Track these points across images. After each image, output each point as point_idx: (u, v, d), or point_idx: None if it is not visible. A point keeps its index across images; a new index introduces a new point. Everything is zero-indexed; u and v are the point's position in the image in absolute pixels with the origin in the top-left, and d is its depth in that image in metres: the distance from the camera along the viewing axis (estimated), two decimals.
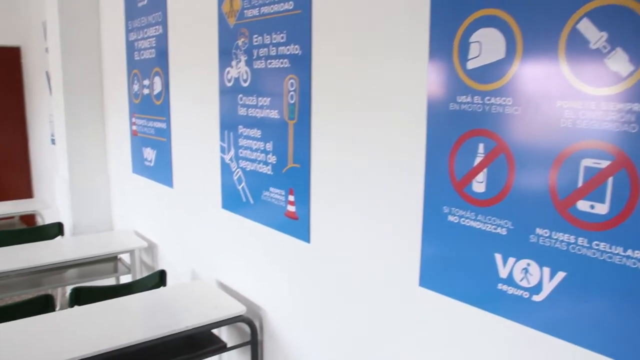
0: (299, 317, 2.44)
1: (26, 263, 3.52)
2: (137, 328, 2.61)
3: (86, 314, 2.74)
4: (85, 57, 4.34)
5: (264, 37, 2.40)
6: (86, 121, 4.35)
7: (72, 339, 2.46)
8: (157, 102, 3.46)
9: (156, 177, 3.61)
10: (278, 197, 2.41)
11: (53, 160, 6.08)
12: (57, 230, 4.29)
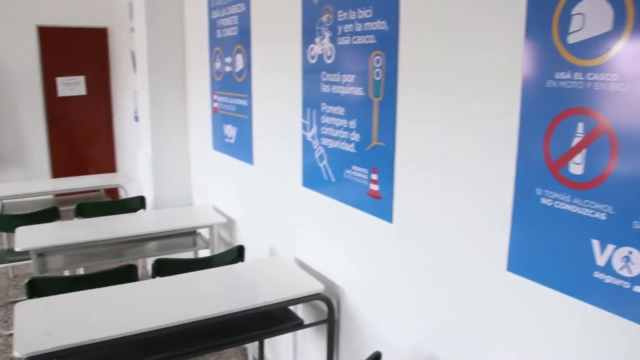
0: (378, 298, 2.42)
1: (111, 234, 3.65)
2: (215, 301, 2.66)
3: (167, 285, 2.82)
4: (169, 36, 4.42)
5: (349, 13, 2.36)
6: (169, 99, 4.44)
7: (153, 309, 2.53)
8: (239, 80, 3.49)
9: (236, 154, 3.65)
10: (360, 176, 2.39)
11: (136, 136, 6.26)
12: (139, 204, 4.43)
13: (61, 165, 7.68)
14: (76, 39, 7.57)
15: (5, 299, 4.79)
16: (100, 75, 7.76)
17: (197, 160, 4.45)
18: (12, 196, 4.98)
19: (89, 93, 7.69)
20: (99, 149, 7.89)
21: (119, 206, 4.38)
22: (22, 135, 7.46)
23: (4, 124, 7.37)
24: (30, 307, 2.48)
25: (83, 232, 3.66)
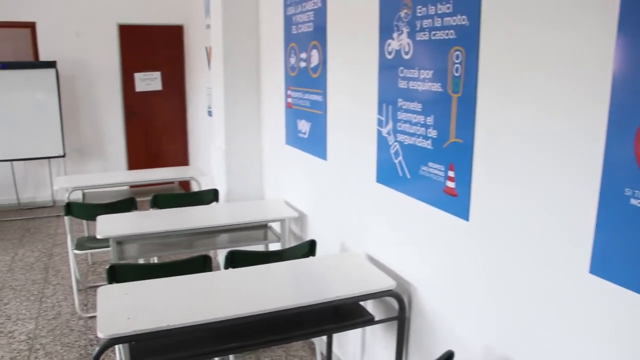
0: (451, 297, 2.39)
1: (185, 225, 3.74)
2: (286, 294, 2.69)
3: (240, 277, 2.86)
4: (244, 32, 4.49)
5: (429, 8, 2.33)
6: (243, 94, 4.52)
7: (226, 299, 2.58)
8: (314, 75, 3.51)
9: (309, 149, 3.68)
10: (437, 173, 2.36)
11: (208, 131, 6.40)
12: (212, 197, 4.52)
13: (136, 158, 7.96)
14: (153, 37, 7.82)
15: (85, 284, 5.00)
16: (175, 71, 7.98)
17: (269, 154, 4.51)
18: (93, 186, 5.19)
19: (164, 88, 7.92)
20: (172, 143, 8.12)
21: (192, 198, 4.49)
22: (102, 129, 7.77)
23: (86, 118, 7.70)
24: (111, 292, 2.58)
25: (158, 223, 3.77)
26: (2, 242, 6.31)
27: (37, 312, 4.51)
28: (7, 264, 5.60)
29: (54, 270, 5.38)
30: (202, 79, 6.79)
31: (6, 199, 7.54)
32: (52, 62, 7.15)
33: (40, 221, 7.11)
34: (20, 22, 7.36)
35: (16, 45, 7.51)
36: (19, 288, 5.00)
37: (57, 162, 7.60)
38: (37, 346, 3.98)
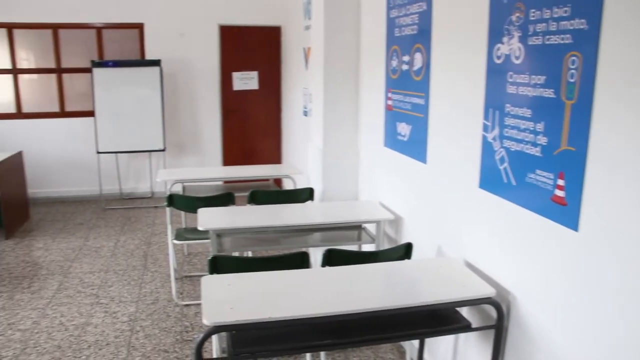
0: (555, 310, 2.32)
1: (280, 222, 3.83)
2: (382, 295, 2.70)
3: (336, 275, 2.90)
4: (345, 34, 4.54)
5: (543, 12, 2.28)
6: (342, 95, 4.56)
7: (323, 296, 2.62)
8: (416, 78, 3.50)
9: (409, 152, 3.67)
10: (545, 181, 2.30)
11: (303, 130, 6.51)
12: (308, 195, 4.59)
13: (231, 154, 8.19)
14: (252, 37, 8.03)
15: (181, 273, 5.20)
16: (272, 71, 8.16)
17: (366, 156, 4.53)
18: (193, 180, 5.39)
19: (261, 88, 8.12)
20: (266, 141, 8.30)
21: (288, 196, 4.59)
22: (200, 125, 8.06)
23: (185, 114, 8.01)
24: (214, 282, 2.67)
25: (255, 218, 3.87)
26: (106, 229, 6.67)
27: (137, 296, 4.74)
28: (110, 250, 5.92)
29: (152, 258, 5.64)
30: (299, 79, 6.91)
31: (110, 188, 7.97)
32: (157, 61, 7.49)
33: (139, 211, 7.46)
34: (130, 23, 7.77)
35: (125, 44, 7.92)
36: (121, 273, 5.28)
37: (157, 156, 7.94)
38: (138, 328, 4.19)
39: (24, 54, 7.87)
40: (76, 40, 7.87)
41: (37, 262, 5.64)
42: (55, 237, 6.41)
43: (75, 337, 4.08)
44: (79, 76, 7.89)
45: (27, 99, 7.91)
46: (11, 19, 7.57)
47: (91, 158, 7.76)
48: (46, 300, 4.70)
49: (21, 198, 7.02)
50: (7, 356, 3.85)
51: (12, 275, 5.29)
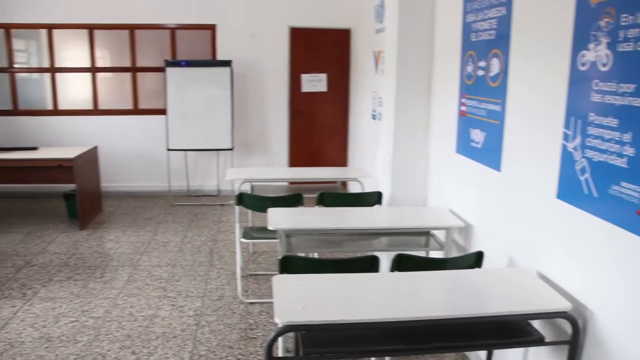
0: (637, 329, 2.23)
1: (348, 224, 3.83)
2: (451, 303, 2.66)
3: (406, 280, 2.87)
4: (419, 38, 4.50)
5: (637, 17, 2.20)
6: (414, 100, 4.53)
7: (393, 301, 2.61)
8: (493, 84, 3.43)
9: (482, 159, 3.60)
10: (631, 193, 2.21)
11: (371, 134, 6.50)
12: (376, 199, 4.58)
13: (297, 156, 8.26)
14: (322, 39, 8.08)
15: (246, 271, 5.27)
16: (340, 74, 8.18)
17: (436, 161, 4.48)
18: (262, 180, 5.44)
19: (329, 90, 8.15)
20: (332, 143, 8.33)
21: (356, 199, 4.58)
22: (267, 126, 8.16)
23: (254, 115, 8.13)
24: (285, 282, 2.69)
25: (323, 220, 3.89)
26: (174, 225, 6.84)
27: (203, 292, 4.83)
28: (177, 245, 6.07)
29: (218, 255, 5.74)
30: (368, 82, 6.90)
31: (178, 185, 8.17)
32: (228, 61, 7.63)
33: (206, 208, 7.61)
34: (203, 24, 7.95)
35: (197, 45, 8.10)
36: (188, 268, 5.39)
37: (224, 155, 8.09)
38: (203, 323, 4.26)
39: (102, 54, 8.17)
40: (151, 40, 8.11)
41: (109, 253, 5.83)
42: (126, 230, 6.61)
43: (144, 327, 4.20)
44: (151, 75, 8.14)
45: (104, 96, 8.21)
46: (92, 20, 7.88)
47: (161, 155, 7.98)
48: (117, 291, 4.85)
49: (95, 191, 7.28)
50: (82, 341, 4.01)
51: (86, 264, 5.49)
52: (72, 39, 8.12)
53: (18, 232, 6.57)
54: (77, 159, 6.52)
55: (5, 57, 8.14)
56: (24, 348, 3.92)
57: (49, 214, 7.39)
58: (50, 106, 8.24)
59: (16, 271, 5.35)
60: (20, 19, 7.92)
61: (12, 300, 4.68)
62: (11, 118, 8.18)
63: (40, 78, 8.28)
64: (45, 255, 5.79)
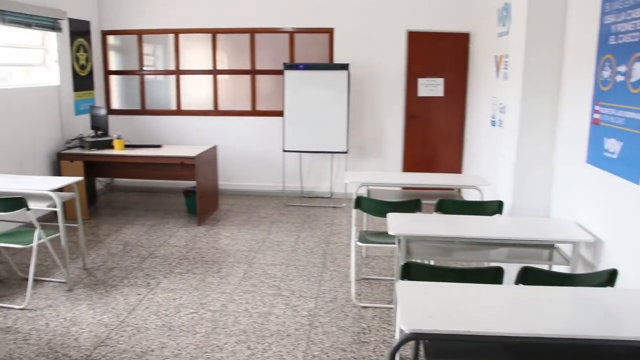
0: None
1: (468, 233, 3.72)
2: (580, 323, 2.51)
3: (531, 295, 2.75)
4: (548, 41, 4.32)
5: None
6: (540, 107, 4.35)
7: (519, 315, 2.50)
8: (634, 91, 3.22)
9: (618, 171, 3.39)
10: None
11: (489, 141, 6.31)
12: (496, 208, 4.43)
13: (411, 160, 8.18)
14: (439, 44, 7.95)
15: (359, 275, 5.26)
16: (458, 78, 8.01)
17: (562, 171, 4.27)
18: (380, 184, 5.37)
19: (446, 95, 8.01)
20: (447, 149, 8.18)
21: (476, 207, 4.46)
22: (382, 130, 8.13)
23: (369, 118, 8.13)
24: (409, 288, 2.66)
25: (442, 227, 3.82)
26: (287, 225, 6.97)
27: (317, 293, 4.88)
28: (291, 245, 6.17)
29: (331, 257, 5.78)
30: (487, 88, 6.71)
31: (292, 186, 8.33)
32: (345, 65, 7.68)
33: (319, 210, 7.70)
34: (321, 28, 8.05)
35: (316, 48, 8.22)
36: (302, 268, 5.47)
37: (338, 158, 8.15)
38: (317, 324, 4.30)
39: (222, 56, 8.48)
40: (269, 44, 8.32)
41: (225, 249, 6.03)
42: (241, 228, 6.81)
43: (259, 324, 4.29)
44: (268, 77, 8.35)
45: (223, 97, 8.52)
46: (215, 25, 8.21)
47: (277, 156, 8.17)
48: (233, 286, 5.00)
49: (213, 189, 7.56)
50: (201, 332, 4.17)
51: (204, 259, 5.71)
52: (195, 43, 8.49)
53: (142, 225, 6.95)
54: (198, 158, 6.80)
55: (137, 61, 8.65)
56: (149, 334, 4.13)
57: (169, 208, 7.77)
58: (174, 106, 8.66)
59: (141, 261, 5.65)
60: (151, 25, 8.42)
61: (137, 288, 4.95)
62: (139, 117, 8.70)
63: (165, 80, 8.73)
64: (167, 247, 6.08)
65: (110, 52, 8.76)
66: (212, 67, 8.44)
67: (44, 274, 5.28)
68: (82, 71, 8.06)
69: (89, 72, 8.25)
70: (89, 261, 5.64)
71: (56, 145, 7.33)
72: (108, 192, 8.73)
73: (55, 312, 4.49)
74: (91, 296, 4.79)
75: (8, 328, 4.25)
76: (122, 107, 8.88)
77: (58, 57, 7.41)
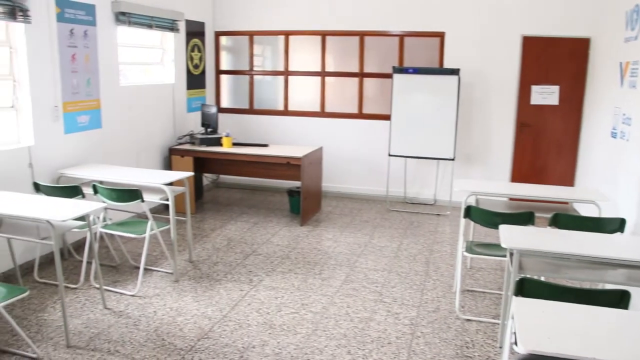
0: None
1: (588, 251, 3.50)
2: None
3: None
4: None
5: None
6: None
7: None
8: None
9: None
10: None
11: (610, 154, 5.95)
12: (617, 226, 4.15)
13: (520, 170, 7.87)
14: (556, 49, 7.60)
15: (463, 286, 5.10)
16: (575, 86, 7.62)
17: None
18: (491, 194, 5.09)
19: (561, 103, 7.65)
20: (559, 160, 7.80)
21: (594, 223, 4.19)
22: (490, 138, 7.87)
23: (477, 125, 7.90)
24: (526, 306, 2.52)
25: (558, 243, 3.60)
26: (390, 230, 6.90)
27: (419, 301, 4.78)
28: (393, 251, 6.10)
29: (434, 266, 5.65)
30: (609, 97, 6.32)
31: (396, 191, 8.24)
32: (456, 70, 7.50)
33: (422, 217, 7.56)
34: (432, 32, 7.91)
35: (424, 52, 8.09)
36: (404, 275, 5.38)
37: (444, 164, 7.98)
38: (418, 333, 4.21)
39: (330, 58, 8.52)
40: (377, 46, 8.27)
41: (327, 251, 6.04)
42: (343, 231, 6.80)
43: (360, 329, 4.26)
44: (375, 80, 8.31)
45: (330, 99, 8.56)
46: (325, 28, 8.27)
47: (382, 160, 8.12)
48: (334, 289, 5.00)
49: (316, 190, 7.61)
50: (301, 333, 4.19)
51: (306, 259, 5.75)
52: (304, 45, 8.58)
53: (246, 222, 7.10)
54: (304, 158, 6.86)
55: (247, 61, 8.87)
56: (250, 330, 4.20)
57: (272, 207, 7.90)
58: (281, 107, 8.81)
59: (244, 257, 5.77)
60: (262, 26, 8.61)
61: (240, 284, 5.05)
62: (247, 116, 8.91)
63: (273, 80, 8.88)
64: (269, 246, 6.17)
65: (222, 52, 9.04)
66: (321, 69, 8.50)
67: (152, 264, 5.50)
68: (196, 70, 8.36)
69: (201, 71, 8.55)
70: (194, 254, 5.82)
71: (168, 140, 7.64)
72: (213, 188, 9.01)
73: (163, 302, 4.66)
74: (196, 289, 4.94)
75: (121, 312, 4.46)
76: (231, 105, 9.14)
77: (174, 57, 7.72)
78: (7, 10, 4.78)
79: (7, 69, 5.13)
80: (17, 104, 5.22)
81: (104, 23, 6.16)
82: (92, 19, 5.94)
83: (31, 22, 5.06)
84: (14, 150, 5.10)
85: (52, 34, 5.38)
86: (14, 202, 4.23)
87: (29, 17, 5.00)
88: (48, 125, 5.44)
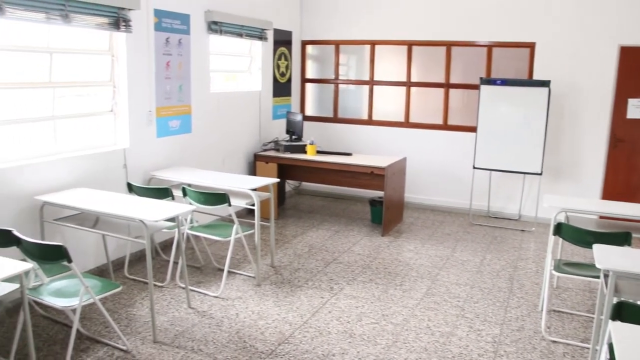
0: None
1: None
2: None
3: None
4: None
5: None
6: None
7: None
8: None
9: None
10: None
11: None
12: None
13: (613, 187, 7.51)
14: None
15: (549, 306, 4.90)
16: None
17: None
18: (583, 211, 4.87)
19: None
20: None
21: None
22: (581, 152, 7.56)
23: (567, 139, 7.60)
24: (626, 332, 2.39)
25: None
26: (472, 244, 6.74)
27: (502, 319, 4.64)
28: (476, 266, 5.95)
29: (518, 283, 5.48)
30: None
31: (479, 204, 8.04)
32: (546, 82, 7.25)
33: (505, 232, 7.35)
34: (522, 42, 7.69)
35: (515, 63, 7.87)
36: (487, 291, 5.25)
37: (530, 179, 7.73)
38: (501, 352, 4.09)
39: (416, 69, 8.44)
40: (464, 57, 8.13)
41: (408, 262, 5.97)
42: (425, 243, 6.71)
43: (441, 344, 4.18)
44: (461, 91, 8.16)
45: (414, 109, 8.48)
46: (411, 37, 8.22)
47: (466, 172, 7.95)
48: (415, 301, 4.93)
49: (399, 201, 7.54)
50: (381, 344, 4.16)
51: (387, 270, 5.70)
52: (390, 54, 8.55)
53: (327, 230, 7.13)
54: (388, 168, 6.82)
55: (332, 70, 8.93)
56: (330, 338, 4.20)
57: (354, 216, 7.89)
58: (365, 116, 8.80)
59: (325, 265, 5.79)
60: (348, 36, 8.65)
61: (321, 292, 5.07)
62: (331, 124, 8.96)
63: (358, 90, 8.89)
64: (350, 254, 6.17)
65: (307, 60, 9.14)
66: (406, 78, 8.44)
67: (235, 267, 5.61)
68: (282, 78, 8.49)
69: (287, 79, 8.68)
70: (276, 259, 5.89)
71: (253, 146, 7.79)
72: (295, 195, 9.10)
73: (245, 304, 4.74)
74: (277, 294, 5.00)
75: (204, 312, 4.57)
76: (315, 114, 9.21)
77: (262, 65, 7.88)
78: (112, 21, 5.04)
79: (108, 76, 5.39)
80: (116, 108, 5.48)
81: (197, 32, 6.37)
82: (186, 28, 6.15)
83: (132, 32, 5.30)
84: (111, 152, 5.35)
85: (149, 43, 5.62)
86: (110, 201, 4.43)
87: (130, 27, 5.24)
88: (142, 129, 5.67)
